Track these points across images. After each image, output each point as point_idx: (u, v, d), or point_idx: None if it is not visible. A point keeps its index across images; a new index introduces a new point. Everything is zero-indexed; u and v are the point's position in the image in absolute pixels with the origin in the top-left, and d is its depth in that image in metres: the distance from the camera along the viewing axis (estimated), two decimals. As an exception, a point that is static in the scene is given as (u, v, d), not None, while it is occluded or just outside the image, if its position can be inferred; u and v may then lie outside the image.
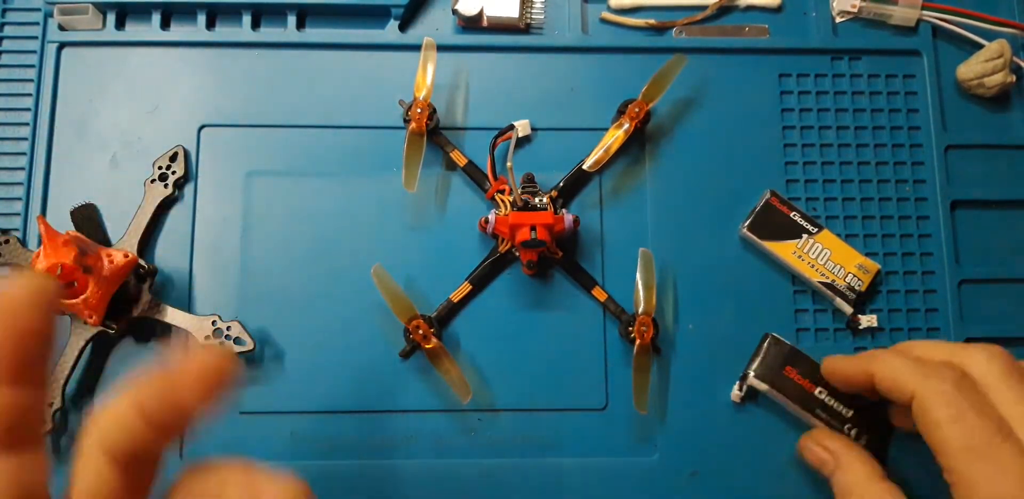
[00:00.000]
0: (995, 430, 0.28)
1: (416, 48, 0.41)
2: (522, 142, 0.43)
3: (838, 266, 0.41)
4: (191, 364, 0.21)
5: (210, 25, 0.44)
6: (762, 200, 0.42)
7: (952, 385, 0.29)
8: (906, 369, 0.31)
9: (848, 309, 0.41)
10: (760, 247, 0.41)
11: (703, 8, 0.45)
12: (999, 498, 0.27)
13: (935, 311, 0.42)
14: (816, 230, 0.41)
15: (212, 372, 0.21)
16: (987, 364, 0.30)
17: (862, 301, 0.41)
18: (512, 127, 0.41)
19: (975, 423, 0.28)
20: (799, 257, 0.41)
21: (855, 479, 0.34)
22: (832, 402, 0.38)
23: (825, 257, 0.41)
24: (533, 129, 0.43)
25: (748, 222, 0.41)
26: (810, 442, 0.37)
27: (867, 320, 0.41)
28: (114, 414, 0.20)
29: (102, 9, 0.43)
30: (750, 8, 0.45)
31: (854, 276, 0.41)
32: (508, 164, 0.37)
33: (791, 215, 0.41)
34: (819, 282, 0.41)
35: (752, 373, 0.39)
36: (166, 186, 0.41)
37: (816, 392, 0.38)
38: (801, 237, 0.41)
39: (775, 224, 0.41)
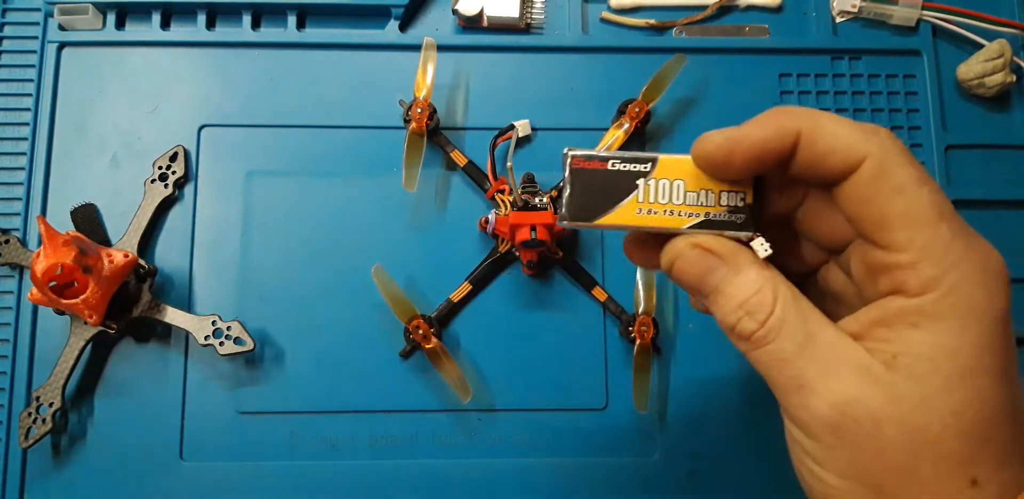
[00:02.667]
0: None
1: (416, 48, 0.41)
2: (522, 142, 0.43)
3: (702, 193, 0.27)
4: None
5: (210, 25, 0.44)
6: (566, 170, 0.26)
7: (901, 143, 0.24)
8: (847, 123, 0.24)
9: (748, 234, 0.27)
10: (593, 230, 0.33)
11: (703, 8, 0.45)
12: (973, 266, 0.24)
13: (935, 311, 0.42)
14: (649, 166, 0.27)
15: None
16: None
17: (757, 214, 0.27)
18: (512, 127, 0.41)
19: (936, 187, 0.24)
20: (649, 212, 0.27)
21: (758, 276, 0.25)
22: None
23: (679, 192, 0.27)
24: (533, 129, 0.43)
25: (563, 210, 0.26)
26: (688, 246, 0.26)
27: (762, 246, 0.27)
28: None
29: (102, 9, 0.43)
30: (750, 8, 0.45)
31: (730, 194, 0.27)
32: (508, 164, 0.37)
33: (609, 166, 0.27)
34: (692, 227, 0.27)
35: None
36: (166, 186, 0.41)
37: None
38: (637, 186, 0.27)
39: (597, 190, 0.26)
